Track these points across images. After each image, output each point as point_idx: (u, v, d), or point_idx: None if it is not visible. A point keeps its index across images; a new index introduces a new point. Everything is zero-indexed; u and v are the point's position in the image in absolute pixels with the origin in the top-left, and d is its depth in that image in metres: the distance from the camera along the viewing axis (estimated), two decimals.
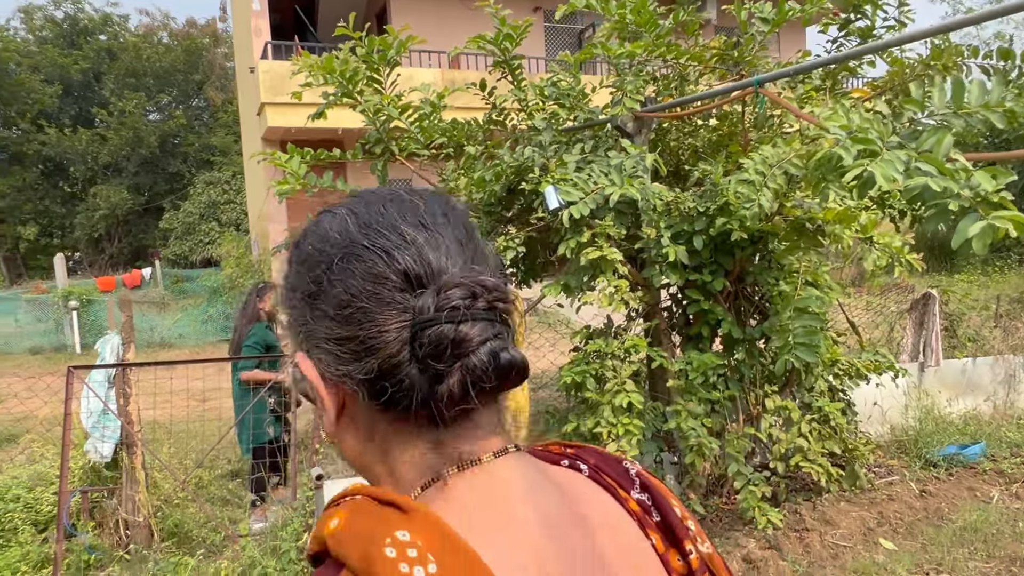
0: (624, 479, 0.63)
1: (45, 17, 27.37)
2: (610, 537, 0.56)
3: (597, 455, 0.65)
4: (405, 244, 0.54)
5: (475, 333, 0.51)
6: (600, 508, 0.59)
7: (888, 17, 4.26)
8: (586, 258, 3.32)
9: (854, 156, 2.18)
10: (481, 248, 0.58)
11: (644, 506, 0.61)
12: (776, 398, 3.83)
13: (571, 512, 0.56)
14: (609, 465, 0.64)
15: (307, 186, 3.85)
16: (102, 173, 25.36)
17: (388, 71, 4.19)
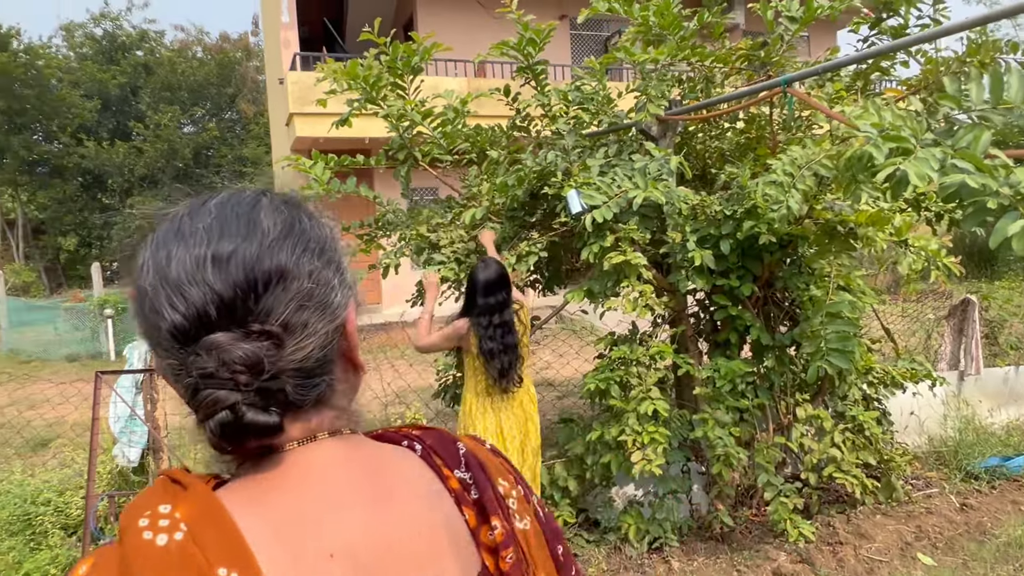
0: (452, 459, 0.67)
1: (85, 34, 28.23)
2: (410, 510, 0.61)
3: (435, 437, 0.70)
4: (175, 301, 0.57)
5: (220, 398, 0.56)
6: (414, 484, 0.64)
7: (922, 15, 4.14)
8: (609, 263, 3.27)
9: (886, 154, 2.10)
10: (278, 266, 0.60)
11: (464, 484, 0.66)
12: (808, 407, 3.72)
13: (375, 487, 0.62)
14: (442, 446, 0.69)
15: (330, 192, 3.86)
16: (139, 185, 25.98)
17: (412, 78, 4.20)
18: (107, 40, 28.36)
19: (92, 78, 25.99)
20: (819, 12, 3.83)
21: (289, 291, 0.59)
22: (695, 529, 3.72)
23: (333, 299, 0.63)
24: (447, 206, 4.38)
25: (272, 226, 0.61)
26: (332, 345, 0.63)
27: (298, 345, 0.59)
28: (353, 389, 0.69)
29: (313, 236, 0.64)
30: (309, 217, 0.66)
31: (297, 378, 0.60)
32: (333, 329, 0.63)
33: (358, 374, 0.69)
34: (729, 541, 3.57)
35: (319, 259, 0.63)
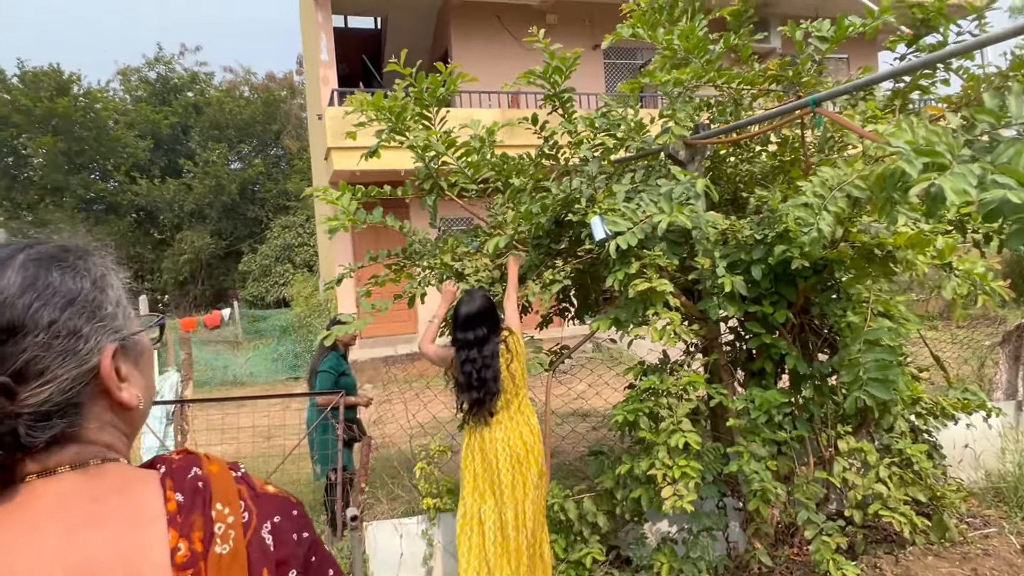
0: (179, 482, 0.73)
1: (140, 78, 29.67)
2: (114, 536, 0.68)
3: (181, 461, 0.77)
4: None
5: None
6: (135, 510, 0.71)
7: (963, 31, 4.01)
8: (635, 290, 3.18)
9: (919, 170, 1.99)
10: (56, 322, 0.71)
11: (179, 506, 0.71)
12: (850, 439, 3.53)
13: (91, 515, 0.69)
14: (180, 470, 0.75)
15: (356, 222, 3.88)
16: (188, 220, 26.92)
17: (438, 109, 4.23)
18: (160, 83, 29.72)
19: (146, 119, 27.22)
20: (850, 31, 3.73)
21: (21, 344, 0.68)
22: (732, 569, 3.54)
23: (80, 347, 0.72)
24: (473, 235, 4.36)
25: (10, 284, 0.70)
26: (78, 388, 0.71)
27: (33, 392, 0.68)
28: (123, 423, 0.77)
29: (61, 290, 0.73)
30: (67, 270, 0.75)
31: (31, 421, 0.68)
32: (80, 373, 0.71)
33: (125, 409, 0.76)
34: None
35: (64, 310, 0.71)
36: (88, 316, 0.73)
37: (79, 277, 0.75)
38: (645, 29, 3.77)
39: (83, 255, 0.78)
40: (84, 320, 0.73)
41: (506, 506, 3.01)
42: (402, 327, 12.10)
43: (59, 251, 0.76)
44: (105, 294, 0.77)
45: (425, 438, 4.59)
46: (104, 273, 0.79)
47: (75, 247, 0.79)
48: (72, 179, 24.09)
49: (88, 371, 0.72)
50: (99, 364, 0.73)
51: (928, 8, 3.86)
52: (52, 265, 0.74)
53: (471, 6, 12.76)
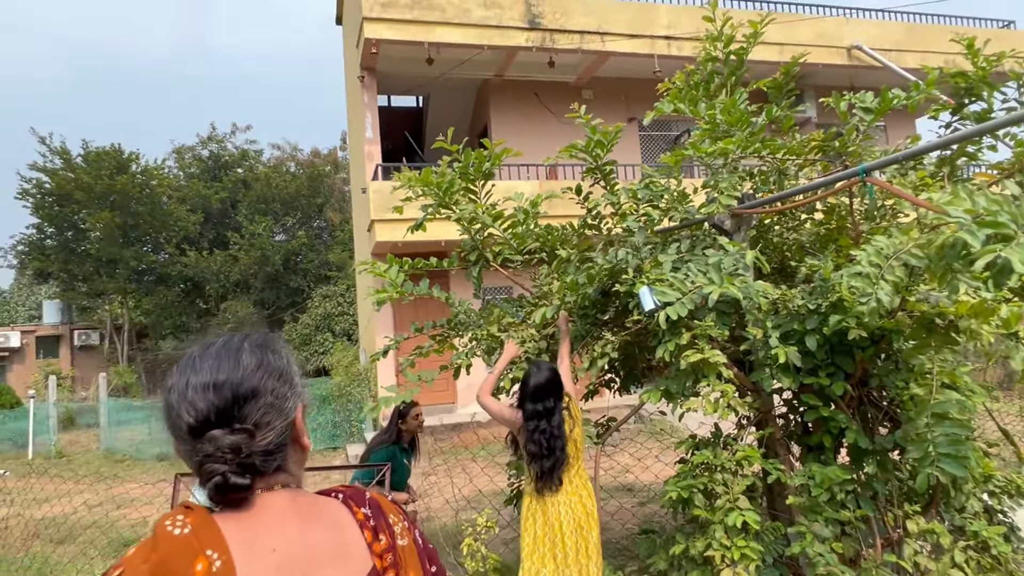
0: (359, 502, 1.05)
1: (194, 156, 31.23)
2: (326, 530, 0.98)
3: (352, 490, 1.08)
4: (190, 409, 0.96)
5: (215, 469, 0.92)
6: (332, 517, 1.01)
7: (1008, 99, 3.99)
8: (686, 361, 3.13)
9: (983, 241, 1.95)
10: (250, 387, 0.99)
11: (366, 516, 1.03)
12: (920, 520, 3.33)
13: (305, 517, 0.97)
14: (355, 495, 1.06)
15: (403, 293, 3.94)
16: (233, 290, 27.68)
17: (483, 183, 4.34)
18: (212, 160, 31.23)
19: (197, 194, 28.48)
20: (896, 102, 3.75)
21: (258, 403, 0.98)
22: None
23: (287, 406, 1.02)
24: (518, 305, 4.38)
25: (249, 363, 1.00)
26: (286, 434, 1.01)
27: (263, 436, 0.97)
28: (302, 460, 1.07)
29: (275, 366, 1.03)
30: (273, 353, 1.05)
31: (263, 455, 0.96)
32: (286, 425, 1.01)
33: (304, 451, 1.07)
34: None
35: (278, 381, 1.02)
36: (289, 385, 1.03)
37: (280, 357, 1.05)
38: (687, 104, 3.85)
39: (276, 341, 1.09)
40: (287, 387, 1.03)
41: (570, 569, 3.02)
42: (442, 396, 12.05)
43: (265, 339, 1.07)
44: (292, 368, 1.07)
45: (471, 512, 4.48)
46: (289, 354, 1.10)
47: (271, 337, 1.10)
48: (126, 251, 25.13)
49: (290, 423, 1.01)
50: (295, 418, 1.02)
51: (971, 77, 3.87)
52: (266, 350, 1.04)
53: (509, 84, 13.25)
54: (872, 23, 14.16)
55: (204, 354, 1.03)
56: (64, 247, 25.53)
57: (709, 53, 3.97)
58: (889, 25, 14.26)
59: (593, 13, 12.19)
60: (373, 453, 4.28)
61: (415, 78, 12.86)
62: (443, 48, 11.39)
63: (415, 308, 11.63)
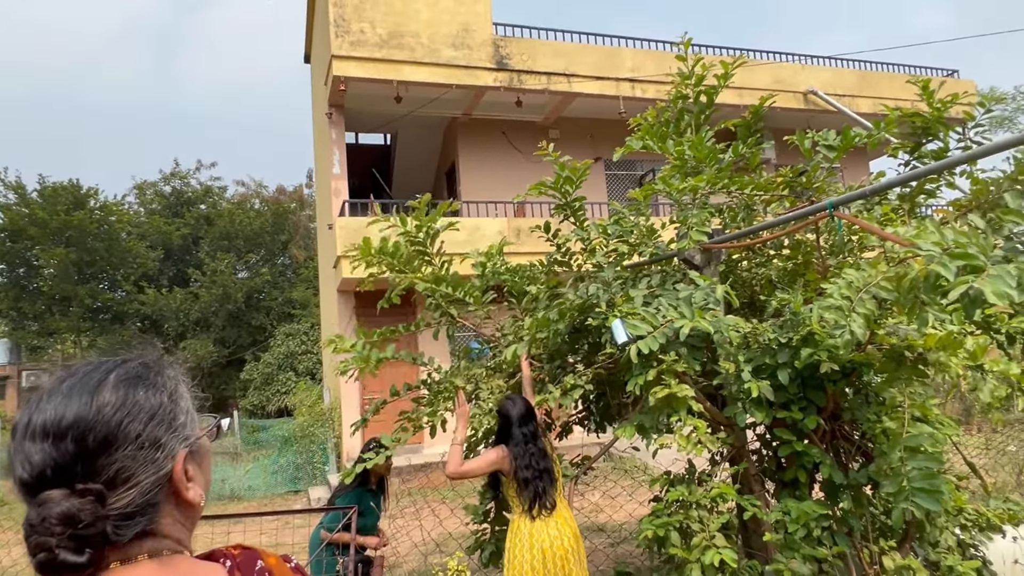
0: (248, 572, 0.86)
1: (155, 191, 30.69)
2: None
3: (244, 556, 0.88)
4: (24, 461, 0.78)
5: (40, 543, 0.74)
6: None
7: (963, 138, 4.14)
8: (655, 397, 3.09)
9: (955, 273, 1.97)
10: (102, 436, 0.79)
11: None
12: (896, 555, 3.31)
13: None
14: (245, 563, 0.87)
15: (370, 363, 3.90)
16: (192, 328, 26.97)
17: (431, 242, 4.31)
18: (174, 196, 30.73)
19: (158, 230, 27.91)
20: (857, 140, 3.86)
21: (113, 456, 0.78)
22: None
23: (158, 456, 0.82)
24: (485, 345, 4.34)
25: (106, 403, 0.80)
26: (156, 490, 0.81)
27: (119, 496, 0.78)
28: (187, 519, 0.87)
29: (146, 406, 0.83)
30: (149, 387, 0.85)
31: (118, 520, 0.77)
32: (158, 479, 0.81)
33: (189, 507, 0.86)
34: None
35: (149, 424, 0.82)
36: (166, 427, 0.84)
37: (158, 392, 0.86)
38: (655, 141, 3.90)
39: (160, 370, 0.90)
40: (163, 430, 0.83)
41: None
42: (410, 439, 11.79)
43: (143, 369, 0.88)
44: (178, 405, 0.88)
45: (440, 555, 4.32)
46: (177, 385, 0.90)
47: (154, 363, 0.90)
48: (81, 289, 24.38)
49: (165, 475, 0.82)
50: (174, 468, 0.83)
51: (926, 118, 4.01)
52: (138, 384, 0.85)
53: (477, 123, 13.39)
54: (826, 70, 14.75)
55: (56, 387, 0.82)
56: (15, 284, 24.67)
57: (680, 91, 4.05)
58: (843, 72, 14.87)
59: (560, 55, 12.45)
60: (339, 497, 4.14)
61: (383, 115, 12.90)
62: (411, 87, 11.48)
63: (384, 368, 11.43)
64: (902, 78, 14.78)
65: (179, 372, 0.94)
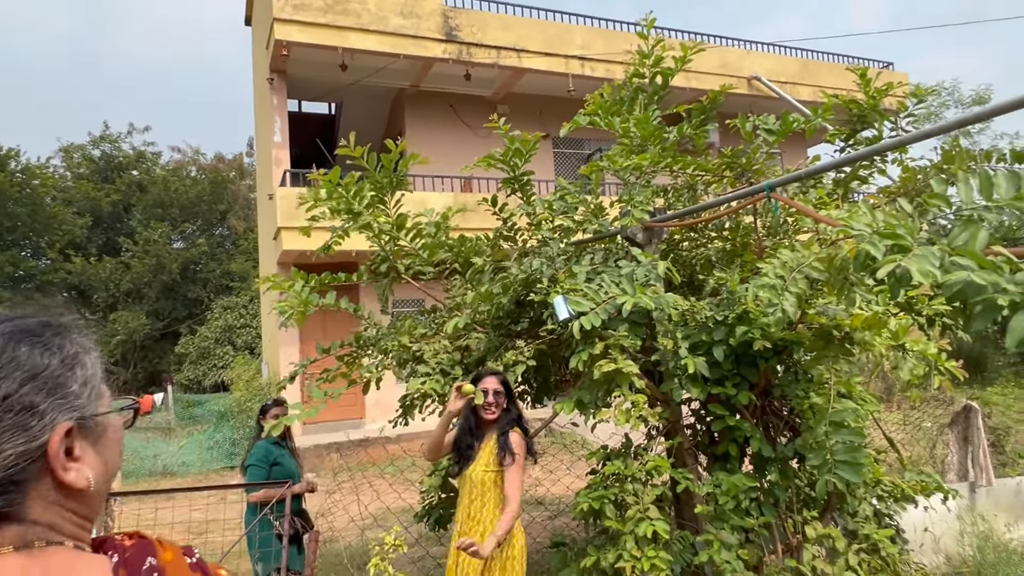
0: (134, 571, 0.75)
1: (84, 155, 29.07)
2: None
3: (135, 548, 0.77)
4: None
5: None
6: None
7: (896, 127, 4.29)
8: (600, 371, 3.12)
9: (883, 252, 2.03)
10: None
11: None
12: (817, 525, 3.46)
13: None
14: (135, 558, 0.76)
15: (309, 306, 3.75)
16: (123, 299, 25.87)
17: (391, 192, 4.20)
18: (104, 161, 29.20)
19: (86, 196, 26.52)
20: (796, 125, 3.95)
21: None
22: None
23: (32, 423, 0.70)
24: (431, 318, 4.28)
25: None
26: (23, 465, 0.69)
27: None
28: (73, 505, 0.74)
29: (26, 365, 0.72)
30: (36, 346, 0.74)
31: None
32: (28, 450, 0.69)
33: (73, 491, 0.73)
34: None
35: (24, 386, 0.70)
36: (47, 393, 0.72)
37: (49, 353, 0.75)
38: (603, 117, 3.90)
39: (62, 332, 0.78)
40: (43, 397, 0.71)
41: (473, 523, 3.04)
42: (349, 411, 11.67)
43: (38, 327, 0.77)
44: (73, 372, 0.76)
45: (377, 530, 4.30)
46: (78, 352, 0.79)
47: (57, 324, 0.79)
48: (0, 256, 23.02)
49: (37, 448, 0.70)
50: (50, 441, 0.71)
51: (863, 106, 4.13)
52: (24, 339, 0.74)
53: (425, 95, 13.15)
54: (770, 57, 15.07)
55: None
56: None
57: (637, 70, 4.05)
58: (786, 60, 15.22)
59: (510, 29, 12.31)
60: (249, 455, 4.21)
61: (328, 84, 12.53)
62: (357, 55, 11.16)
63: (322, 322, 11.23)
64: (841, 67, 15.24)
65: (88, 339, 0.83)
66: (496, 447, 3.04)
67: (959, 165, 3.76)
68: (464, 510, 3.01)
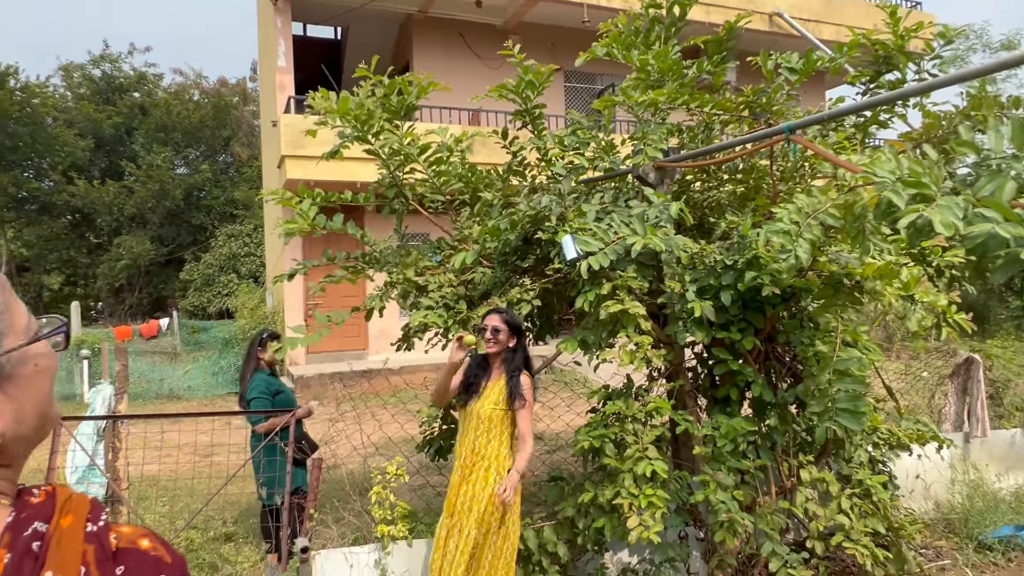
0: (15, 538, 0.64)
1: (84, 75, 28.43)
2: None
3: (31, 509, 0.66)
4: None
5: None
6: None
7: (920, 70, 4.12)
8: (606, 312, 3.10)
9: (906, 201, 1.97)
10: None
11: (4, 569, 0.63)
12: (812, 469, 3.52)
13: None
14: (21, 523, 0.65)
15: (315, 226, 3.70)
16: (127, 224, 25.82)
17: (405, 118, 4.09)
18: (105, 81, 28.58)
19: (87, 118, 26.08)
20: (819, 64, 3.80)
21: None
22: None
23: None
24: (436, 248, 4.23)
25: None
26: None
27: None
28: None
29: None
30: None
31: None
32: None
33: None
34: None
35: None
36: None
37: None
38: (619, 49, 3.75)
39: None
40: None
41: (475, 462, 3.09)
42: (352, 342, 11.78)
43: None
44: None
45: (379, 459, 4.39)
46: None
47: None
48: (3, 177, 22.80)
49: None
50: None
51: (889, 46, 3.97)
52: None
53: (434, 21, 12.71)
54: None
55: None
56: None
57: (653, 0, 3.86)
58: None
59: None
60: (249, 388, 4.17)
61: (333, 7, 12.09)
62: None
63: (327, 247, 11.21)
64: (866, 5, 14.64)
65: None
66: (505, 387, 3.06)
67: (986, 110, 3.63)
68: (468, 444, 3.04)
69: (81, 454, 3.67)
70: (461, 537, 2.91)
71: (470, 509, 2.94)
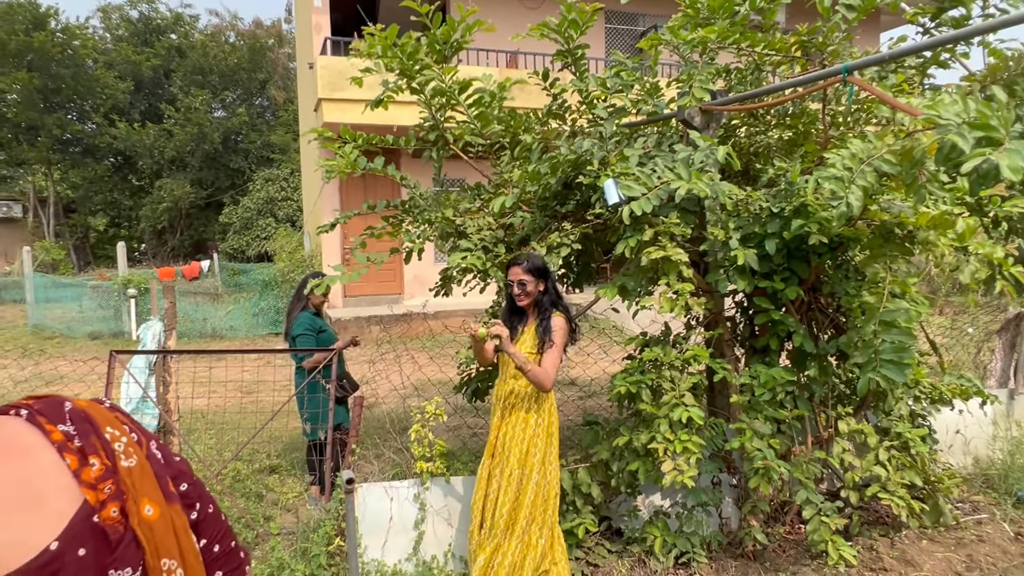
0: (56, 416, 0.77)
1: (121, 16, 28.50)
2: (7, 464, 0.70)
3: (44, 402, 0.78)
4: None
5: None
6: (13, 442, 0.72)
7: (987, 5, 3.88)
8: (648, 258, 3.07)
9: (972, 145, 1.88)
10: None
11: (67, 435, 0.76)
12: (850, 420, 3.49)
13: None
14: (49, 408, 0.78)
15: (355, 168, 3.70)
16: (168, 167, 26.20)
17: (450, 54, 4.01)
18: (142, 22, 28.62)
19: (126, 59, 26.24)
20: (879, 1, 3.59)
21: None
22: (725, 545, 3.51)
23: None
24: (476, 192, 4.20)
25: None
26: None
27: None
28: None
29: None
30: None
31: None
32: None
33: None
34: (761, 560, 3.36)
35: None
36: None
37: None
38: None
39: None
40: None
41: None
42: (388, 287, 11.94)
43: None
44: None
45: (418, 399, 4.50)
46: None
47: None
48: (48, 118, 23.20)
49: None
50: None
51: None
52: None
53: None
54: None
55: None
56: None
57: None
58: None
59: None
60: (295, 325, 4.26)
61: None
62: None
63: (364, 192, 11.25)
64: None
65: None
66: (537, 330, 3.05)
67: None
68: (507, 387, 3.07)
69: (135, 386, 3.83)
70: (503, 477, 2.97)
71: (510, 450, 2.99)
